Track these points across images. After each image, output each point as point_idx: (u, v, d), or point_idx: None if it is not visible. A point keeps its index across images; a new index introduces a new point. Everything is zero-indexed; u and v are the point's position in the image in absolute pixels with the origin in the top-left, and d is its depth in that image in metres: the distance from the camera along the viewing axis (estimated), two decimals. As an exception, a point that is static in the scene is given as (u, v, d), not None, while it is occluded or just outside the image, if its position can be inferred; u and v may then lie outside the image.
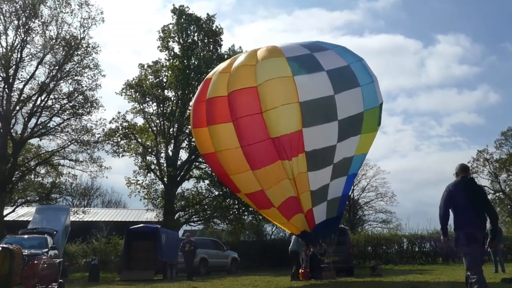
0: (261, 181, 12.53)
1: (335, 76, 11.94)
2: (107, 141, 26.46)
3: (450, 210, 6.82)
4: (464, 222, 6.68)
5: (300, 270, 15.15)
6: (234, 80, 12.16)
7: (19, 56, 23.75)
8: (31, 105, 24.10)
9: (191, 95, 27.80)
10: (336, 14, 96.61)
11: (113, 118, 27.52)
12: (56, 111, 24.75)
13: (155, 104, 28.06)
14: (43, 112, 24.49)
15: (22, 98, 23.76)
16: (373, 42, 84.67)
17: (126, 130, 27.72)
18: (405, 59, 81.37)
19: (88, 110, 24.98)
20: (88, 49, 24.84)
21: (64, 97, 24.86)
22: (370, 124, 12.84)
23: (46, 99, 24.43)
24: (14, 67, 23.59)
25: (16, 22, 23.72)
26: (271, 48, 12.58)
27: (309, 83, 11.74)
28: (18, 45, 23.80)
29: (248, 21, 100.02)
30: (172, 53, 28.36)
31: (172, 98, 28.33)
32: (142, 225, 21.41)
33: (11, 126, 23.88)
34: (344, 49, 13.37)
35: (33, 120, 24.33)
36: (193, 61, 27.75)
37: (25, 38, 23.83)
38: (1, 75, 23.57)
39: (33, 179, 25.74)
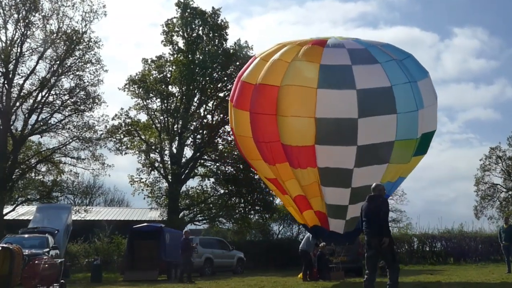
0: (275, 174, 12.49)
1: (366, 97, 11.06)
2: (109, 138, 26.16)
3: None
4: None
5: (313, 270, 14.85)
6: (265, 72, 11.91)
7: (19, 50, 23.32)
8: (31, 101, 23.71)
9: (195, 91, 27.50)
10: (350, 6, 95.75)
11: (116, 115, 27.22)
12: (57, 107, 24.34)
13: (159, 100, 27.68)
14: (44, 108, 24.08)
15: (22, 94, 23.35)
16: (388, 35, 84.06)
17: (129, 127, 27.37)
18: (420, 52, 79.92)
19: (90, 106, 24.58)
20: (90, 43, 24.45)
21: (66, 92, 24.47)
22: (402, 155, 11.80)
23: (47, 95, 24.01)
24: (14, 62, 23.15)
25: (16, 15, 23.26)
26: (315, 47, 11.99)
27: (332, 100, 11.14)
28: (18, 39, 23.37)
29: (258, 13, 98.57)
30: (176, 47, 27.95)
31: (177, 94, 27.93)
32: (145, 224, 21.28)
33: (11, 122, 23.49)
34: (402, 64, 11.88)
35: (34, 117, 23.95)
36: (198, 55, 27.32)
37: (25, 32, 23.39)
38: (1, 70, 23.13)
39: (33, 177, 25.27)
